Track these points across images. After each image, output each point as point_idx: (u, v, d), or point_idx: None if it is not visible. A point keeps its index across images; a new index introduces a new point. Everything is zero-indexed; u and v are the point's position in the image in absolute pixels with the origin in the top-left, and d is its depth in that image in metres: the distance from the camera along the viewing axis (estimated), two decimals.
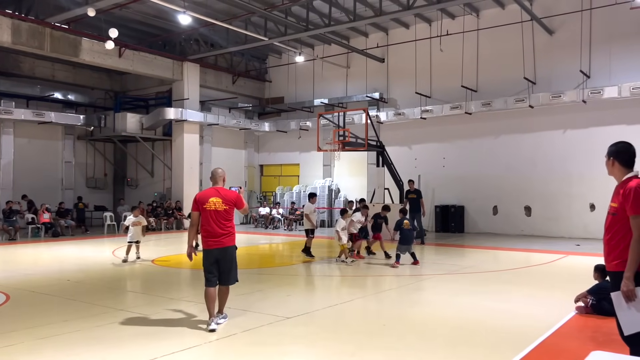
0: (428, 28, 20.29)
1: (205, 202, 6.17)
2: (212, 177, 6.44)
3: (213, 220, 6.15)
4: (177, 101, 21.79)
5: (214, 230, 6.15)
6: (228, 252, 6.25)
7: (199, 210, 6.21)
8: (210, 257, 6.19)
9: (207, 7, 18.40)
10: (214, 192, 6.26)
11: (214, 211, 6.16)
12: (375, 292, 8.81)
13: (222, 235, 6.19)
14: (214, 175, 6.42)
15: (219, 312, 6.30)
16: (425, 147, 20.62)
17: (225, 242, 6.22)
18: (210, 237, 6.16)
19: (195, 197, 6.33)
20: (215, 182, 6.38)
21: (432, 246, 15.05)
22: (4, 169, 20.49)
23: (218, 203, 6.17)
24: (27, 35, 17.11)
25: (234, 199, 6.31)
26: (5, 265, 11.68)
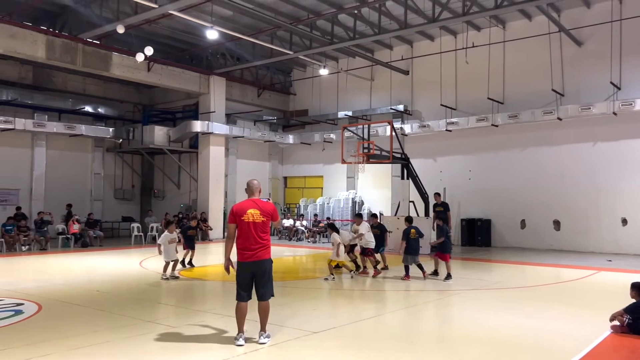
0: (453, 40, 20.21)
1: (243, 213, 6.01)
2: (247, 189, 6.28)
3: (251, 233, 5.99)
4: (204, 114, 22.09)
5: (251, 243, 5.99)
6: (264, 265, 6.06)
7: (236, 222, 6.03)
8: (246, 271, 6.03)
9: (234, 22, 18.69)
10: (252, 203, 6.12)
11: (252, 223, 6.00)
12: (401, 308, 8.71)
13: (259, 248, 6.02)
14: (250, 187, 6.27)
15: (262, 330, 6.10)
16: (450, 160, 20.45)
17: (262, 255, 6.05)
18: (247, 249, 6.00)
19: (232, 208, 6.13)
20: (251, 194, 6.23)
21: (459, 260, 14.84)
22: (37, 180, 21.01)
23: (256, 215, 6.02)
24: (61, 51, 17.61)
25: (271, 211, 6.18)
26: (37, 275, 11.94)
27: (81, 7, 17.28)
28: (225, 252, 6.16)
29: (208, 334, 6.47)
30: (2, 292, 9.29)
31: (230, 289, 9.29)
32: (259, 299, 6.06)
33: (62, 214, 19.98)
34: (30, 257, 15.25)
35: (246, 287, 6.02)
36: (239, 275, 6.06)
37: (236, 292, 6.05)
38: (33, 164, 21.03)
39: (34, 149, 21.06)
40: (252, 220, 6.00)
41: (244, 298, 6.02)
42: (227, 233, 6.26)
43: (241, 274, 6.04)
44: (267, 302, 6.10)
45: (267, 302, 6.09)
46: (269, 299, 6.11)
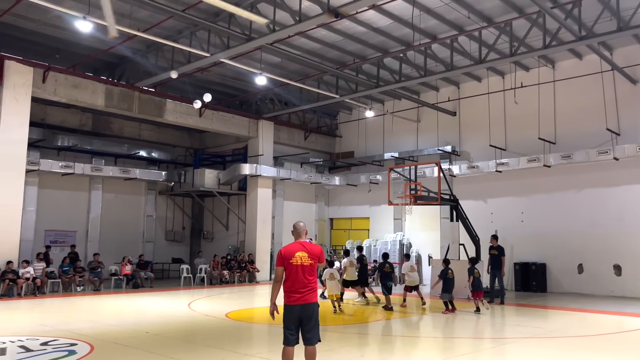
0: (501, 80, 20.03)
1: (291, 256, 6.01)
2: (294, 231, 6.29)
3: (299, 276, 5.98)
4: (252, 157, 22.57)
5: (299, 286, 5.97)
6: (312, 308, 6.01)
7: (284, 265, 6.04)
8: (293, 314, 5.95)
9: (282, 68, 19.26)
10: (300, 246, 6.11)
11: (300, 266, 6.00)
12: (454, 356, 8.35)
13: (307, 291, 5.99)
14: (297, 229, 6.27)
15: None
16: (501, 201, 19.91)
17: (310, 298, 6.01)
18: (295, 292, 5.96)
19: (281, 251, 6.12)
20: (298, 236, 6.24)
21: (513, 306, 14.23)
22: (92, 222, 21.82)
23: (304, 257, 6.03)
24: (118, 99, 18.57)
25: (319, 253, 6.19)
26: (90, 316, 12.22)
27: (138, 57, 18.28)
28: (272, 296, 6.14)
29: None
30: (57, 331, 9.55)
31: (276, 333, 9.24)
32: (305, 344, 5.96)
33: (113, 255, 20.47)
34: (85, 298, 15.69)
35: (294, 332, 5.94)
36: (286, 319, 5.98)
37: (284, 336, 5.96)
38: (90, 207, 21.90)
39: (91, 192, 21.96)
40: (300, 264, 6.00)
41: (291, 342, 5.92)
42: (274, 276, 6.24)
43: (288, 317, 5.97)
44: (314, 347, 5.99)
45: (314, 347, 5.98)
46: (315, 344, 5.99)
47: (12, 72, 15.87)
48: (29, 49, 17.18)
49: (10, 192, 15.63)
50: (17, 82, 15.95)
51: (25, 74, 16.16)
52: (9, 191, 15.58)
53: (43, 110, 19.64)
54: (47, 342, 8.56)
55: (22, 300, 14.68)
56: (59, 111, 20.48)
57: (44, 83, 16.75)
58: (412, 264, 14.10)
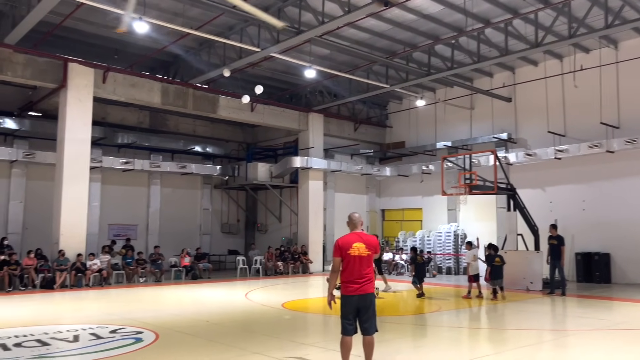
0: (559, 64, 19.25)
1: (349, 247, 6.05)
2: (350, 223, 6.36)
3: (356, 266, 6.03)
4: (303, 150, 22.75)
5: (357, 276, 6.01)
6: (369, 298, 6.06)
7: (342, 256, 6.08)
8: (351, 304, 6.00)
9: (331, 60, 19.25)
10: (357, 237, 6.16)
11: (358, 257, 6.04)
12: (516, 347, 8.11)
13: (364, 282, 6.04)
14: (352, 220, 6.34)
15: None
16: (560, 190, 19.20)
17: (367, 288, 6.06)
18: (353, 283, 6.02)
19: (338, 242, 6.15)
20: (354, 227, 6.30)
21: (575, 298, 13.75)
22: (152, 216, 22.68)
23: (362, 248, 6.06)
24: (174, 96, 19.13)
25: (375, 244, 6.24)
26: (153, 305, 12.74)
27: (191, 55, 18.75)
28: (330, 287, 6.26)
29: None
30: (123, 320, 10.01)
31: (332, 323, 9.33)
32: (363, 334, 6.01)
33: (172, 247, 21.16)
34: (147, 288, 16.33)
35: (352, 321, 6.00)
36: (344, 309, 6.04)
37: (342, 326, 6.03)
38: (149, 201, 22.76)
39: (150, 187, 22.83)
40: (358, 254, 6.04)
41: (349, 332, 5.99)
42: (332, 266, 6.32)
43: (346, 307, 6.03)
44: (372, 337, 6.04)
45: (372, 336, 6.03)
46: (373, 334, 6.04)
47: (75, 74, 16.64)
48: (89, 51, 17.94)
49: (77, 189, 16.44)
50: (80, 83, 16.71)
51: (87, 75, 16.91)
52: (76, 188, 16.39)
53: (104, 109, 20.50)
54: (116, 330, 9.00)
55: (89, 291, 15.47)
56: (118, 110, 21.33)
57: (104, 83, 17.48)
58: (475, 253, 13.83)
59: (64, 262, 15.78)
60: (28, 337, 8.40)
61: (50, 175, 17.67)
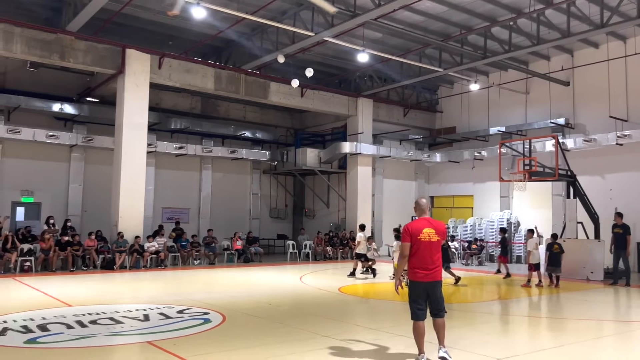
0: (622, 45, 18.40)
1: (419, 232, 5.99)
2: (417, 208, 6.30)
3: (427, 252, 5.98)
4: (352, 135, 22.64)
5: (427, 262, 5.97)
6: (438, 285, 6.06)
7: (412, 241, 6.01)
8: (421, 290, 5.99)
9: (383, 43, 18.98)
10: (426, 222, 6.10)
11: (428, 242, 5.99)
12: (584, 340, 7.85)
13: (434, 268, 6.01)
14: (420, 206, 6.28)
15: (441, 345, 6.04)
16: (622, 177, 18.45)
17: (437, 275, 6.04)
18: (423, 268, 5.98)
19: (406, 227, 6.12)
20: (422, 213, 6.24)
21: (637, 289, 13.23)
22: (204, 200, 23.12)
23: (432, 234, 6.01)
24: (226, 82, 19.32)
25: (444, 230, 6.21)
26: (213, 287, 13.00)
27: (243, 40, 18.83)
28: (398, 272, 6.32)
29: (386, 352, 6.48)
30: (188, 301, 10.24)
31: (395, 308, 9.29)
32: (434, 317, 6.03)
33: (223, 231, 21.50)
34: (202, 271, 16.69)
35: (423, 307, 5.99)
36: (413, 294, 6.03)
37: (412, 312, 6.01)
38: (201, 185, 23.19)
39: (201, 172, 23.24)
40: (428, 240, 5.99)
41: (420, 317, 5.97)
42: (400, 251, 6.27)
43: (416, 292, 6.02)
44: (443, 319, 6.05)
45: (442, 319, 6.04)
46: (444, 316, 6.07)
47: (132, 60, 17.00)
48: (145, 37, 18.27)
49: (135, 173, 16.89)
50: (137, 69, 17.07)
51: (143, 61, 17.24)
52: (133, 172, 16.84)
53: (157, 95, 20.87)
54: (183, 311, 9.21)
55: (147, 272, 15.90)
56: (171, 96, 21.71)
57: (159, 69, 17.80)
58: (537, 241, 13.49)
59: (122, 244, 16.28)
60: (101, 315, 8.70)
61: (107, 160, 18.21)
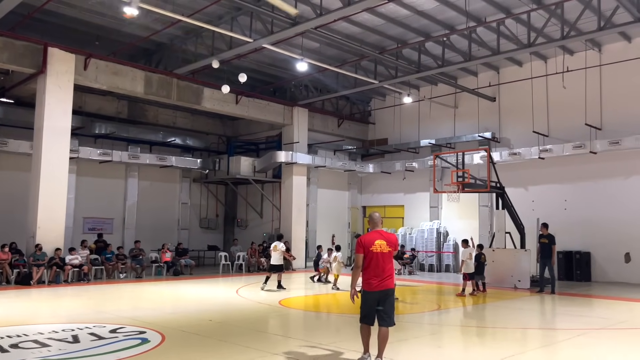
0: (543, 65, 19.55)
1: (371, 244, 6.38)
2: (371, 221, 6.76)
3: (379, 263, 6.35)
4: (287, 144, 22.40)
5: (379, 272, 6.33)
6: (389, 293, 6.41)
7: (365, 252, 6.39)
8: (373, 298, 6.34)
9: (320, 53, 18.99)
10: (378, 235, 6.51)
11: (380, 253, 6.37)
12: (534, 348, 8.08)
13: (386, 277, 6.37)
14: (373, 219, 6.74)
15: (378, 357, 6.28)
16: (543, 189, 19.52)
17: (388, 283, 6.39)
18: (375, 278, 6.33)
19: (361, 239, 6.52)
20: (375, 226, 6.67)
21: (565, 296, 13.94)
22: (129, 209, 21.93)
23: (383, 245, 6.41)
24: (157, 86, 18.48)
25: (395, 241, 6.64)
26: (145, 303, 12.20)
27: (177, 44, 18.13)
28: (353, 281, 6.58)
29: None
30: (119, 319, 9.52)
31: (339, 321, 9.14)
32: (383, 325, 6.33)
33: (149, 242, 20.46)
34: (129, 285, 15.73)
35: (372, 314, 6.37)
36: (365, 303, 6.41)
37: (362, 315, 6.43)
38: (126, 194, 22.00)
39: (127, 179, 22.06)
40: (380, 251, 6.38)
41: (369, 322, 6.40)
42: (354, 263, 6.60)
43: (368, 301, 6.39)
44: (387, 330, 6.36)
45: (387, 329, 6.36)
46: (389, 327, 6.36)
47: (55, 59, 15.83)
48: (69, 36, 17.10)
49: (56, 180, 15.67)
50: (60, 69, 15.92)
51: (67, 61, 16.12)
52: (54, 179, 15.62)
53: (80, 97, 19.58)
54: (116, 330, 8.52)
55: (69, 287, 14.75)
56: (96, 99, 20.49)
57: (85, 70, 16.72)
58: (471, 251, 13.85)
59: (41, 257, 15.03)
60: (22, 337, 7.86)
61: (24, 165, 16.81)
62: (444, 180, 19.98)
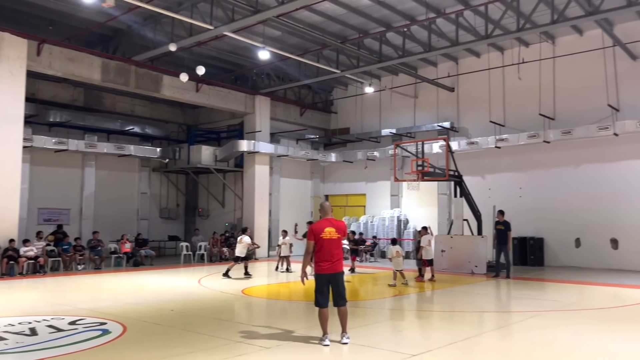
0: (500, 56, 20.05)
1: (321, 231, 6.96)
2: (321, 210, 7.36)
3: (328, 248, 6.91)
4: (249, 133, 22.28)
5: (329, 257, 6.90)
6: (339, 276, 6.99)
7: (315, 239, 6.96)
8: (324, 281, 6.91)
9: (282, 42, 18.92)
10: (328, 222, 7.08)
11: (329, 239, 6.94)
12: (490, 330, 8.42)
13: (336, 261, 6.95)
14: (324, 208, 7.34)
15: (343, 332, 6.90)
16: (499, 177, 20.13)
17: (337, 267, 6.97)
18: (325, 262, 6.90)
19: (312, 227, 7.14)
20: (325, 214, 7.27)
21: (519, 280, 14.49)
22: (86, 200, 21.39)
23: (332, 232, 6.99)
24: (115, 73, 18.03)
25: (344, 228, 7.23)
26: (105, 294, 11.99)
27: (135, 30, 17.70)
28: (303, 265, 7.13)
29: (306, 350, 6.40)
30: (79, 310, 9.37)
31: (301, 308, 9.27)
32: (336, 305, 6.92)
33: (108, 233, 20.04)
34: (87, 276, 15.43)
35: (325, 296, 6.91)
36: (318, 285, 6.93)
37: (316, 300, 6.93)
38: (83, 184, 21.44)
39: (84, 169, 21.48)
40: (329, 237, 6.96)
41: (323, 304, 6.89)
42: (306, 248, 7.17)
43: (320, 283, 6.93)
44: (345, 308, 6.96)
45: (345, 307, 6.95)
46: (345, 305, 6.95)
47: (6, 44, 15.24)
48: (21, 20, 16.46)
49: (8, 169, 15.17)
50: (11, 55, 15.34)
51: (19, 46, 15.54)
52: (7, 168, 15.12)
53: (34, 85, 18.93)
54: (75, 322, 8.38)
55: (24, 280, 14.36)
56: (50, 86, 19.84)
57: (38, 56, 16.16)
58: (430, 238, 14.18)
59: None
60: None
61: None
62: (404, 169, 20.34)
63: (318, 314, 6.90)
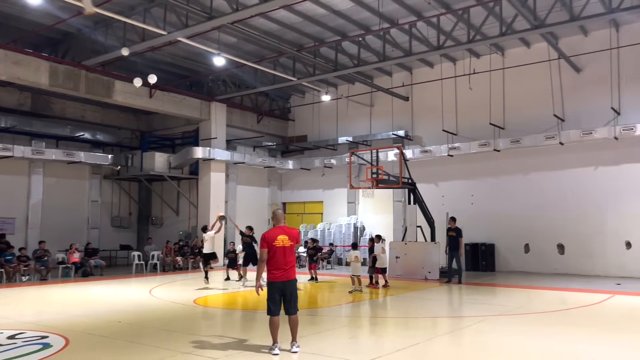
0: (453, 67, 20.55)
1: (274, 239, 6.91)
2: (274, 217, 7.33)
3: (281, 256, 6.88)
4: (205, 140, 21.99)
5: (282, 264, 6.87)
6: (292, 283, 6.97)
7: (268, 247, 6.89)
8: (277, 288, 6.85)
9: (238, 49, 18.82)
10: (281, 230, 7.05)
11: (282, 247, 6.91)
12: (440, 335, 8.54)
13: (288, 269, 6.92)
14: (276, 216, 7.32)
15: (293, 341, 6.89)
16: (452, 185, 20.58)
17: (290, 274, 6.94)
18: (278, 270, 6.86)
19: (264, 235, 6.98)
20: (278, 222, 7.24)
21: (470, 286, 14.80)
22: (33, 208, 20.57)
23: (285, 240, 6.95)
24: (64, 77, 17.48)
25: (297, 235, 7.20)
26: (49, 307, 11.54)
27: (85, 34, 17.24)
28: (258, 275, 7.08)
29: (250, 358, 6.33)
30: (20, 324, 8.98)
31: (254, 317, 9.17)
32: (288, 314, 6.91)
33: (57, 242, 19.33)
34: (33, 288, 14.82)
35: (277, 303, 6.86)
36: (270, 293, 6.87)
37: (268, 308, 6.88)
38: (30, 192, 20.62)
39: (30, 176, 20.67)
40: (282, 245, 6.92)
41: (275, 312, 6.85)
42: (259, 257, 7.09)
43: (272, 291, 6.87)
44: (296, 316, 6.95)
45: (296, 315, 6.95)
46: (296, 314, 6.95)
47: None
48: None
49: None
50: None
51: None
52: None
53: None
54: (14, 336, 8.02)
55: None
56: None
57: None
58: (383, 246, 14.30)
59: None
60: None
61: None
62: (360, 177, 20.52)
63: (269, 322, 6.85)
